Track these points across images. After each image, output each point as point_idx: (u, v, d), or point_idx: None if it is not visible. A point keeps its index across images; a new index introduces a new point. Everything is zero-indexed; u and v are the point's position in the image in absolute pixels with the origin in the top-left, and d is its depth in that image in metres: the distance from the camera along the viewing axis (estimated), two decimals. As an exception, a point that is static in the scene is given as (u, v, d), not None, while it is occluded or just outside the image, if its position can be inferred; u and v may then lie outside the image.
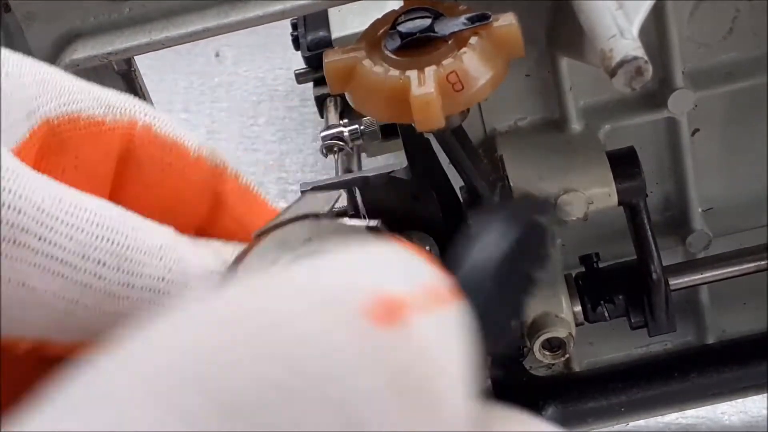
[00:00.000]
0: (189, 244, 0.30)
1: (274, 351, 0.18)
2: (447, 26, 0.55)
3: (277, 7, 0.62)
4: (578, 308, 0.74)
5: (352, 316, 0.19)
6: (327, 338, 0.18)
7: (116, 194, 0.31)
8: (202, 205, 0.33)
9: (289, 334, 0.19)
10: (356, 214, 0.74)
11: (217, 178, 0.33)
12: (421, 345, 0.19)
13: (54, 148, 0.29)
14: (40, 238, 0.25)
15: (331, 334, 0.19)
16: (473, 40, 0.54)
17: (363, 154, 1.04)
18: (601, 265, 0.75)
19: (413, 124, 0.53)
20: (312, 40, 1.05)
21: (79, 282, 0.26)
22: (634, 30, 0.51)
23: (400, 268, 0.21)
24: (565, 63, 0.69)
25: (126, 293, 0.27)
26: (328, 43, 1.02)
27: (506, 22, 0.55)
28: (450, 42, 0.55)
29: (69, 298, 0.26)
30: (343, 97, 0.58)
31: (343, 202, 0.29)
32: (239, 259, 0.29)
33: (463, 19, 0.55)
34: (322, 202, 0.30)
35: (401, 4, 0.59)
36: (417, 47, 0.55)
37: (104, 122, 0.30)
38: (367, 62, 0.55)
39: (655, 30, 0.68)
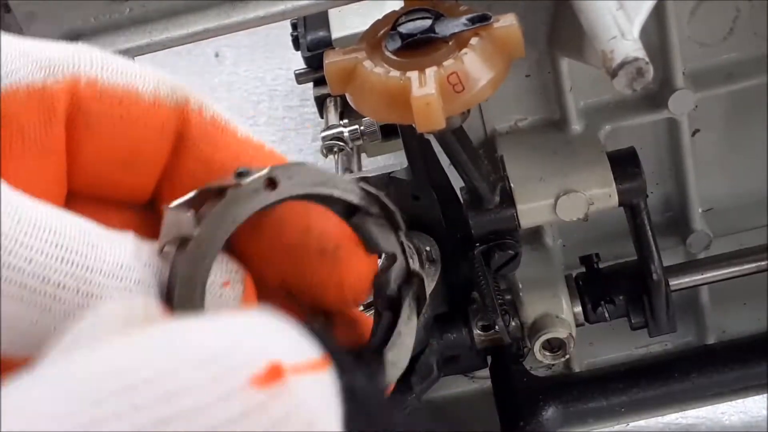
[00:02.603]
0: (152, 254, 0.29)
1: (145, 404, 0.19)
2: (448, 27, 0.55)
3: (278, 7, 0.62)
4: (579, 309, 0.74)
5: (237, 378, 0.20)
6: (208, 393, 0.19)
7: (72, 156, 0.30)
8: (163, 150, 0.32)
9: (163, 390, 0.19)
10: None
11: (179, 118, 0.32)
12: (300, 399, 0.20)
13: None
14: None
15: (213, 391, 0.19)
16: (474, 40, 0.54)
17: (363, 154, 1.04)
18: (601, 265, 0.75)
19: (414, 125, 0.53)
20: (312, 40, 1.05)
21: (39, 305, 0.26)
22: (635, 31, 0.51)
23: (280, 334, 0.22)
24: (565, 63, 0.69)
25: (85, 314, 0.26)
26: (328, 44, 1.02)
27: (507, 22, 0.55)
28: (451, 43, 0.54)
29: (28, 320, 0.26)
30: (343, 97, 0.58)
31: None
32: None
33: (463, 19, 0.55)
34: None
35: (401, 4, 0.59)
36: (418, 48, 0.55)
37: (44, 87, 0.29)
38: (367, 63, 0.55)
39: (655, 31, 0.68)
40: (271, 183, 0.30)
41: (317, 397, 0.21)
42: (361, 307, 0.72)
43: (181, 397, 0.19)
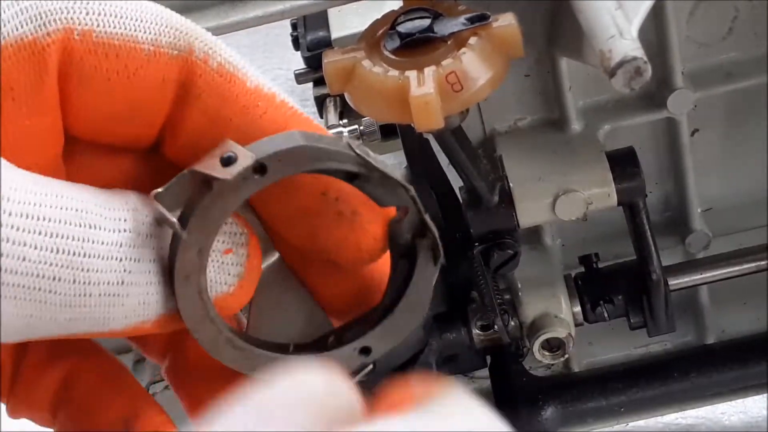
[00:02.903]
0: (151, 225, 0.28)
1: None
2: (446, 26, 0.55)
3: (277, 7, 0.62)
4: (578, 308, 0.74)
5: None
6: None
7: (68, 112, 0.29)
8: (165, 102, 0.30)
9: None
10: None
11: (182, 68, 0.30)
12: None
13: None
14: None
15: None
16: (473, 40, 0.54)
17: (363, 154, 1.04)
18: (600, 265, 0.75)
19: (412, 125, 0.53)
20: (312, 40, 1.05)
21: (35, 299, 0.26)
22: (634, 30, 0.51)
23: None
24: (564, 63, 0.69)
25: (82, 302, 0.26)
26: (327, 44, 1.02)
27: (506, 22, 0.55)
28: (449, 42, 0.54)
29: (24, 314, 0.26)
30: (342, 97, 0.58)
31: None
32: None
33: (462, 19, 0.55)
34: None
35: (401, 4, 0.59)
36: (416, 47, 0.55)
37: (35, 40, 0.27)
38: (366, 63, 0.55)
39: (654, 30, 0.68)
40: (260, 169, 0.29)
41: None
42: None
43: None
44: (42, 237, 0.25)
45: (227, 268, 0.30)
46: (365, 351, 0.32)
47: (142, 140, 0.31)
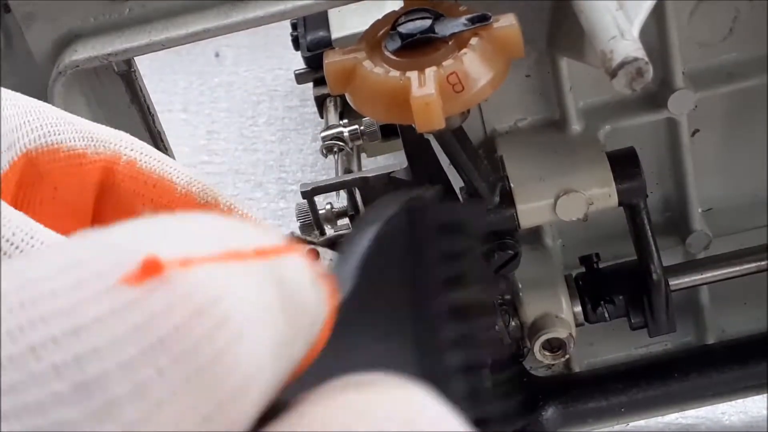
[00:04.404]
0: None
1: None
2: (447, 27, 0.55)
3: (278, 7, 0.62)
4: (578, 309, 0.74)
5: (97, 276, 0.17)
6: (67, 297, 0.17)
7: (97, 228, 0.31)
8: None
9: (21, 299, 0.17)
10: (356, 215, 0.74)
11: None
12: (189, 287, 0.17)
13: (32, 180, 0.29)
14: None
15: (72, 292, 0.17)
16: (474, 41, 0.54)
17: (363, 154, 1.04)
18: (601, 265, 0.75)
19: (413, 125, 0.53)
20: (312, 40, 1.05)
21: None
22: (635, 31, 0.51)
23: (196, 233, 0.19)
24: (565, 63, 0.69)
25: None
26: (328, 44, 1.02)
27: (506, 22, 0.55)
28: (450, 43, 0.55)
29: None
30: (343, 97, 0.58)
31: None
32: None
33: (463, 20, 0.55)
34: None
35: (401, 4, 0.59)
36: (417, 48, 0.55)
37: (85, 154, 0.30)
38: (367, 63, 0.55)
39: (655, 30, 0.68)
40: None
41: (217, 284, 0.18)
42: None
43: (40, 305, 0.17)
44: None
45: None
46: None
47: None
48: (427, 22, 0.55)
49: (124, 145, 0.31)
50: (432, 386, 0.20)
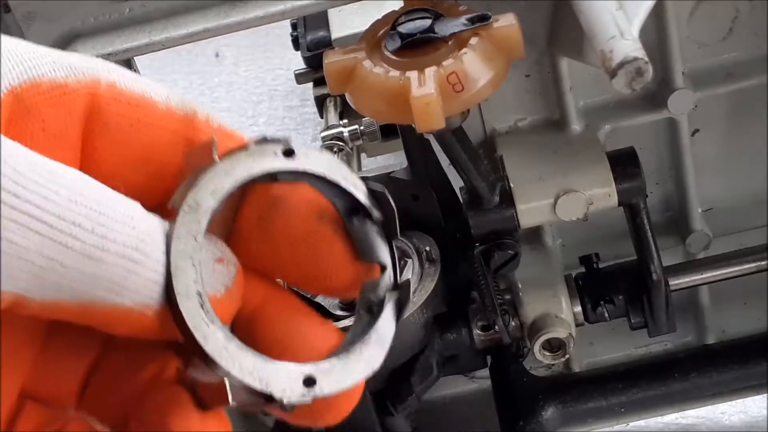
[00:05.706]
0: (159, 222, 0.30)
1: None
2: (447, 27, 0.55)
3: (278, 7, 0.62)
4: (578, 309, 0.74)
5: None
6: None
7: (87, 153, 0.32)
8: (176, 154, 0.33)
9: None
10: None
11: (189, 126, 0.33)
12: None
13: (20, 114, 0.30)
14: (16, 196, 0.26)
15: None
16: (473, 40, 0.54)
17: (363, 154, 1.04)
18: (601, 265, 0.75)
19: (413, 125, 0.53)
20: (312, 40, 1.05)
21: (56, 240, 0.27)
22: (634, 31, 0.51)
23: None
24: (565, 63, 0.69)
25: (100, 256, 0.28)
26: (328, 44, 1.02)
27: (506, 22, 0.55)
28: (450, 43, 0.54)
29: (47, 255, 0.27)
30: (343, 97, 0.58)
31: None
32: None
33: (463, 19, 0.55)
34: None
35: (401, 4, 0.59)
36: (417, 48, 0.55)
37: (66, 84, 0.31)
38: (367, 63, 0.55)
39: (655, 30, 0.68)
40: (289, 153, 0.31)
41: None
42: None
43: None
44: (62, 188, 0.27)
45: (218, 275, 0.31)
46: (309, 382, 0.30)
47: (150, 194, 0.33)
48: (427, 22, 0.55)
49: (102, 70, 0.32)
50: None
